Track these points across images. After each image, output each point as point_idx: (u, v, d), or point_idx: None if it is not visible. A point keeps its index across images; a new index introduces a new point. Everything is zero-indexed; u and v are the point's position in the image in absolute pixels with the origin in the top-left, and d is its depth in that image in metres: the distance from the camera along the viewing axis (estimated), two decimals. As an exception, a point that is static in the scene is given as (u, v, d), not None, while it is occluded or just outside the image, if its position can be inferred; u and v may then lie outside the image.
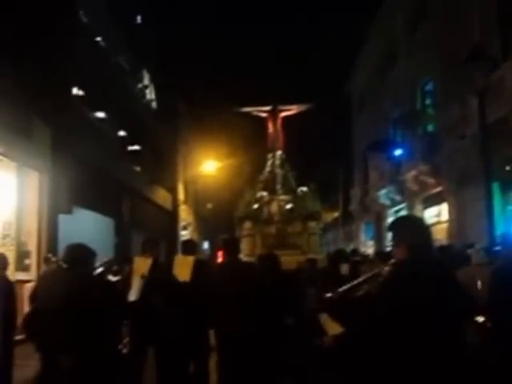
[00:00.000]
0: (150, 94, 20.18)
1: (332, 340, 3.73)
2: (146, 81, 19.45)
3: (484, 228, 9.71)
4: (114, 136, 14.64)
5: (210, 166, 24.64)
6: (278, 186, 20.46)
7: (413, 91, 16.22)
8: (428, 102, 15.71)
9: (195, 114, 28.34)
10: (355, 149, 24.17)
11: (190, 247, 5.50)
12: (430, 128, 15.27)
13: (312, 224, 19.20)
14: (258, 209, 19.53)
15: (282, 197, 20.03)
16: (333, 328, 3.62)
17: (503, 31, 10.50)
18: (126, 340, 4.49)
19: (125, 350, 4.29)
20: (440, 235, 14.16)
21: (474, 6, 11.45)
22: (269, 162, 21.15)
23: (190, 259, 4.93)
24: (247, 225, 19.87)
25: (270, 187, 20.39)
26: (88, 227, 11.45)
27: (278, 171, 20.78)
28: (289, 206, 19.31)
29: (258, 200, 19.84)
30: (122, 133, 15.26)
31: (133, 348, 4.65)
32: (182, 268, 4.77)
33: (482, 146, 7.12)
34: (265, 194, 19.81)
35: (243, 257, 11.45)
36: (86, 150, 11.25)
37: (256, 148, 24.32)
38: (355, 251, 9.26)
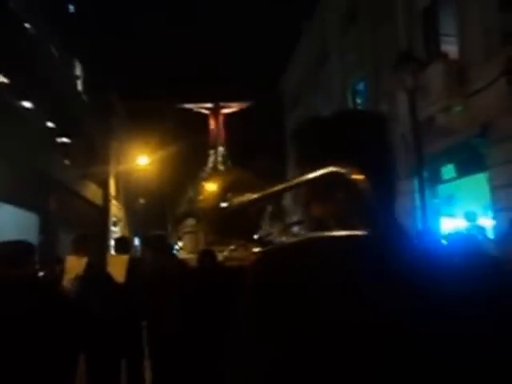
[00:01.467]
0: (82, 86, 19.31)
1: None
2: (78, 71, 18.59)
3: (410, 222, 10.31)
4: (41, 127, 13.86)
5: (143, 160, 24.08)
6: None
7: (344, 90, 16.65)
8: (359, 101, 16.18)
9: (131, 109, 27.64)
10: (288, 146, 24.44)
11: (122, 245, 5.32)
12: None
13: None
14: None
15: None
16: None
17: (427, 32, 11.01)
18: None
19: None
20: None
21: (399, 8, 11.93)
22: (211, 159, 21.06)
23: (124, 258, 4.76)
24: (190, 222, 19.66)
25: None
26: (9, 223, 10.72)
27: (220, 167, 20.72)
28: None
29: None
30: (50, 124, 14.49)
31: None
32: (116, 268, 4.59)
33: (415, 141, 7.41)
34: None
35: (186, 254, 11.25)
36: (8, 140, 10.55)
37: (197, 145, 24.13)
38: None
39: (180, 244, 19.32)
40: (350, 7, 16.06)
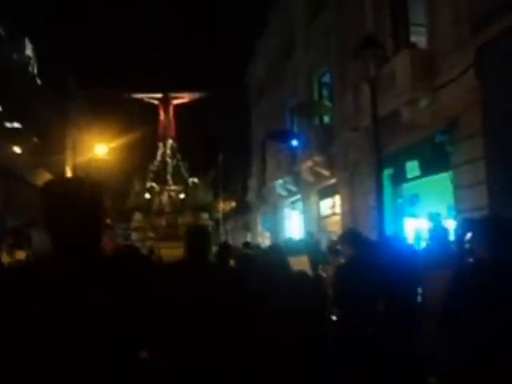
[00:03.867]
0: (33, 68, 18.05)
1: None
2: (29, 51, 17.30)
3: (374, 220, 9.73)
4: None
5: (101, 150, 22.96)
6: (169, 177, 19.71)
7: (310, 82, 16.17)
8: (325, 93, 15.69)
9: (89, 95, 26.31)
10: (253, 138, 23.86)
11: None
12: (327, 119, 15.25)
13: (204, 215, 18.73)
14: (148, 200, 18.71)
15: (174, 187, 19.32)
16: None
17: (394, 23, 10.52)
18: None
19: None
20: (334, 227, 14.21)
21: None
22: (159, 151, 20.32)
23: None
24: (137, 216, 18.92)
25: (161, 177, 19.60)
26: None
27: (169, 161, 20.01)
28: (182, 196, 18.66)
29: (148, 190, 18.99)
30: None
31: None
32: None
33: (374, 135, 6.80)
34: (154, 184, 19.05)
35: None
36: None
37: (148, 136, 23.20)
38: (247, 244, 8.73)
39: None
40: (317, -3, 15.53)
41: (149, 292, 1.58)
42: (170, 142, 20.42)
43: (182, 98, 20.86)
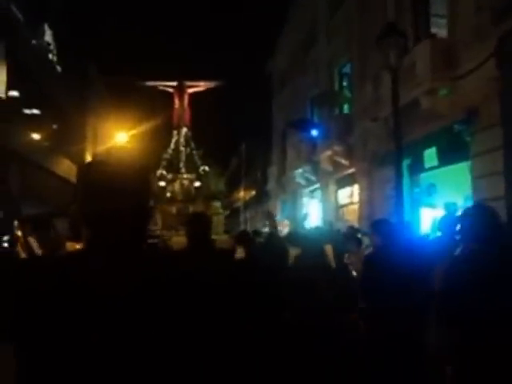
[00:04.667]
0: (53, 55, 18.35)
1: None
2: (48, 38, 17.58)
3: (391, 210, 9.78)
4: (2, 95, 13.03)
5: (121, 138, 23.30)
6: (182, 165, 19.85)
7: (330, 72, 16.19)
8: (345, 83, 15.70)
9: (109, 83, 26.59)
10: (275, 127, 23.95)
11: None
12: (346, 109, 15.26)
13: (215, 204, 18.84)
14: (160, 187, 18.90)
15: (186, 175, 19.46)
16: None
17: (415, 14, 10.47)
18: None
19: None
20: (351, 216, 14.28)
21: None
22: (173, 140, 20.45)
23: None
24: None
25: (174, 165, 19.75)
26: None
27: (182, 149, 20.13)
28: (197, 185, 18.80)
29: (160, 178, 19.18)
30: (14, 93, 13.66)
31: None
32: None
33: (395, 124, 6.85)
34: (164, 172, 19.23)
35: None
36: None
37: (167, 124, 23.36)
38: (257, 232, 8.82)
39: None
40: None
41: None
42: (185, 130, 20.52)
43: (198, 87, 20.90)
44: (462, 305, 2.50)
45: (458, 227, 3.02)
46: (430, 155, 9.94)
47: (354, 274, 4.88)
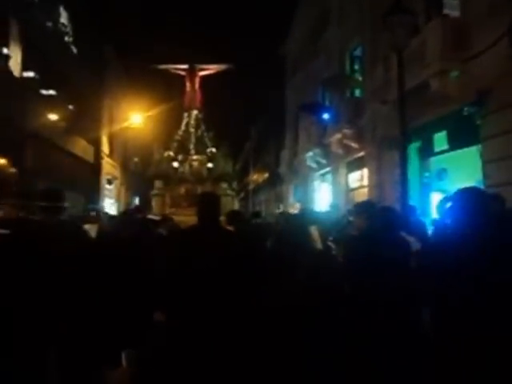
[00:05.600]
0: (69, 37, 18.37)
1: None
2: (64, 19, 17.61)
3: (399, 194, 9.62)
4: (18, 76, 13.13)
5: (137, 118, 23.37)
6: (192, 146, 19.99)
7: (342, 55, 15.96)
8: (356, 67, 15.46)
9: (126, 64, 26.52)
10: (288, 111, 23.75)
11: None
12: (357, 93, 15.02)
13: (223, 185, 18.94)
14: (170, 168, 19.09)
15: (196, 157, 19.61)
16: None
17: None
18: None
19: None
20: (361, 200, 14.12)
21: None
22: (184, 122, 20.58)
23: None
24: (158, 184, 19.37)
25: (185, 147, 19.94)
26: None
27: (192, 131, 20.26)
28: (209, 166, 18.88)
29: (170, 159, 19.35)
30: (29, 74, 13.75)
31: None
32: None
33: (400, 107, 6.68)
34: (171, 153, 19.42)
35: (153, 215, 10.94)
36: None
37: (177, 106, 23.33)
38: (257, 213, 8.77)
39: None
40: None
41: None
42: (195, 112, 20.55)
43: (209, 70, 20.90)
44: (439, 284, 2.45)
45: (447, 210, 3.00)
46: (440, 138, 9.75)
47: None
